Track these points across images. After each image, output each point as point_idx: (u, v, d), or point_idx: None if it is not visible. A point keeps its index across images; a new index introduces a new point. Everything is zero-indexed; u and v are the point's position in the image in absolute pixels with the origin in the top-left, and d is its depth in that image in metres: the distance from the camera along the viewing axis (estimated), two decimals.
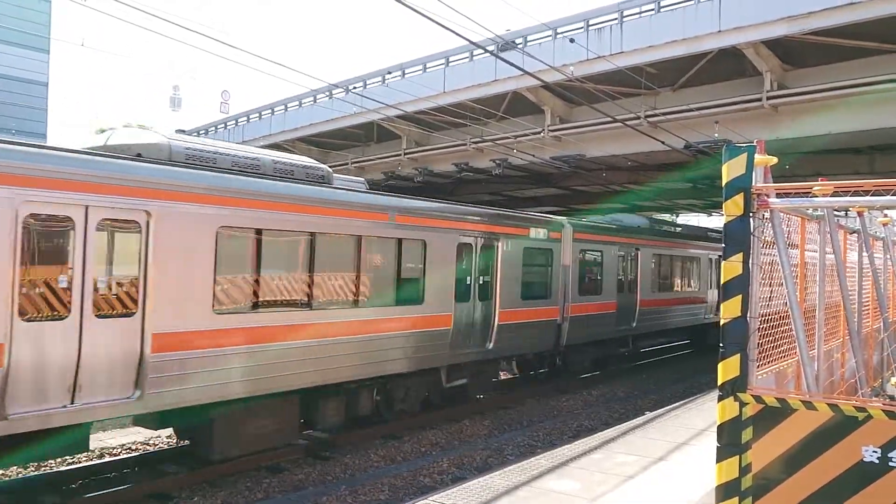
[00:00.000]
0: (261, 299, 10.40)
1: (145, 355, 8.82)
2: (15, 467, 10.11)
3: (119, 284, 8.84)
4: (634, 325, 21.48)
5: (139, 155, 9.54)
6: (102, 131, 42.46)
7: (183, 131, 46.16)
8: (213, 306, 9.57)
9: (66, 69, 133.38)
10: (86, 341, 8.27)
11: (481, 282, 15.01)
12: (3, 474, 10.23)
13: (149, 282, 8.92)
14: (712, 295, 27.11)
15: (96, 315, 8.41)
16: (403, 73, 27.90)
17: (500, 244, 15.48)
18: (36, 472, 10.52)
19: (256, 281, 10.37)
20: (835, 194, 5.45)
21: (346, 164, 34.23)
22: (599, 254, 19.62)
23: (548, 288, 17.39)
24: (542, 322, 17.13)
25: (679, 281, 25.18)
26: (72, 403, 8.23)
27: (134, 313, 8.81)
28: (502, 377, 19.12)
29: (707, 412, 12.52)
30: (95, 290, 8.44)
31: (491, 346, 15.31)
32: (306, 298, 11.11)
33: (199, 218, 9.41)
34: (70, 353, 8.16)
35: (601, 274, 19.63)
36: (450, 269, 14.09)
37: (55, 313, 8.12)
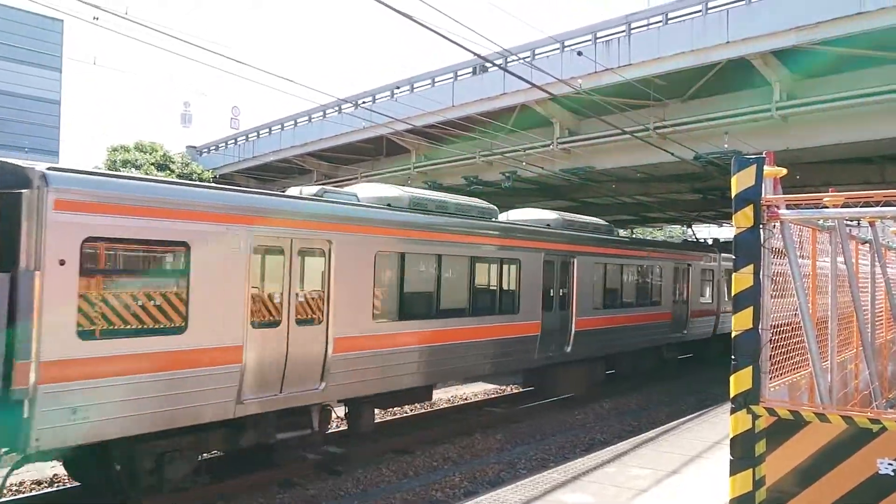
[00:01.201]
0: None
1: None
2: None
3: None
4: (321, 387, 11.12)
5: None
6: (115, 150, 42.45)
7: (194, 147, 46.62)
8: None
9: (78, 87, 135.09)
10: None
11: None
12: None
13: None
14: (552, 321, 16.79)
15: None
16: (412, 88, 28.06)
17: None
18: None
19: None
20: (845, 205, 5.45)
21: (356, 177, 34.41)
22: (168, 253, 9.50)
23: None
24: None
25: (462, 300, 14.35)
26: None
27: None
28: None
29: (720, 425, 12.42)
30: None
31: None
32: None
33: None
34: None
35: (176, 292, 9.30)
36: None
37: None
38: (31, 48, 74.35)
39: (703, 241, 36.52)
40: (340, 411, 13.00)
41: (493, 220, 16.00)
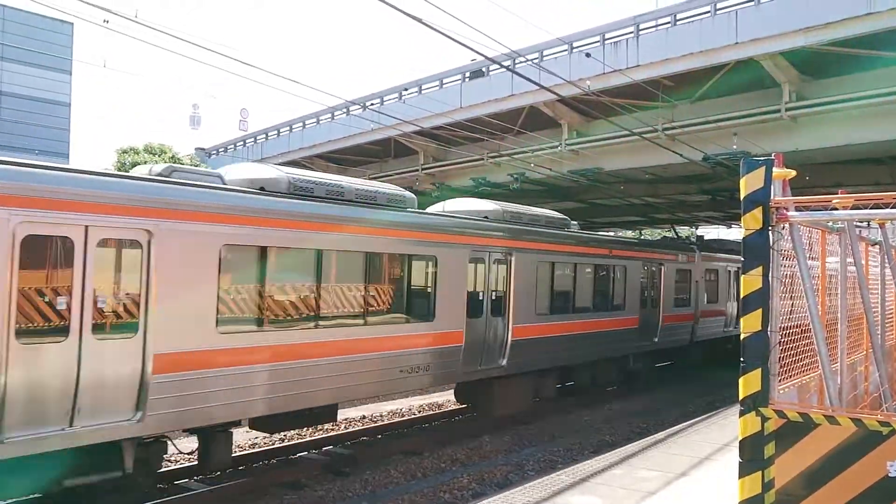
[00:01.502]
0: None
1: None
2: None
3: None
4: (136, 417, 8.87)
5: None
6: (125, 152, 42.64)
7: (203, 149, 46.81)
8: None
9: (88, 90, 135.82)
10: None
11: None
12: None
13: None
14: (480, 329, 14.37)
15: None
16: (420, 89, 28.10)
17: None
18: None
19: None
20: (855, 207, 5.42)
21: (365, 179, 34.45)
22: None
23: None
24: None
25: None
26: None
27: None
28: None
29: (729, 427, 12.39)
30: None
31: None
32: None
33: None
34: None
35: None
36: None
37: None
38: (42, 51, 74.70)
39: (683, 238, 35.91)
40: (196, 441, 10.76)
41: (410, 210, 13.25)
